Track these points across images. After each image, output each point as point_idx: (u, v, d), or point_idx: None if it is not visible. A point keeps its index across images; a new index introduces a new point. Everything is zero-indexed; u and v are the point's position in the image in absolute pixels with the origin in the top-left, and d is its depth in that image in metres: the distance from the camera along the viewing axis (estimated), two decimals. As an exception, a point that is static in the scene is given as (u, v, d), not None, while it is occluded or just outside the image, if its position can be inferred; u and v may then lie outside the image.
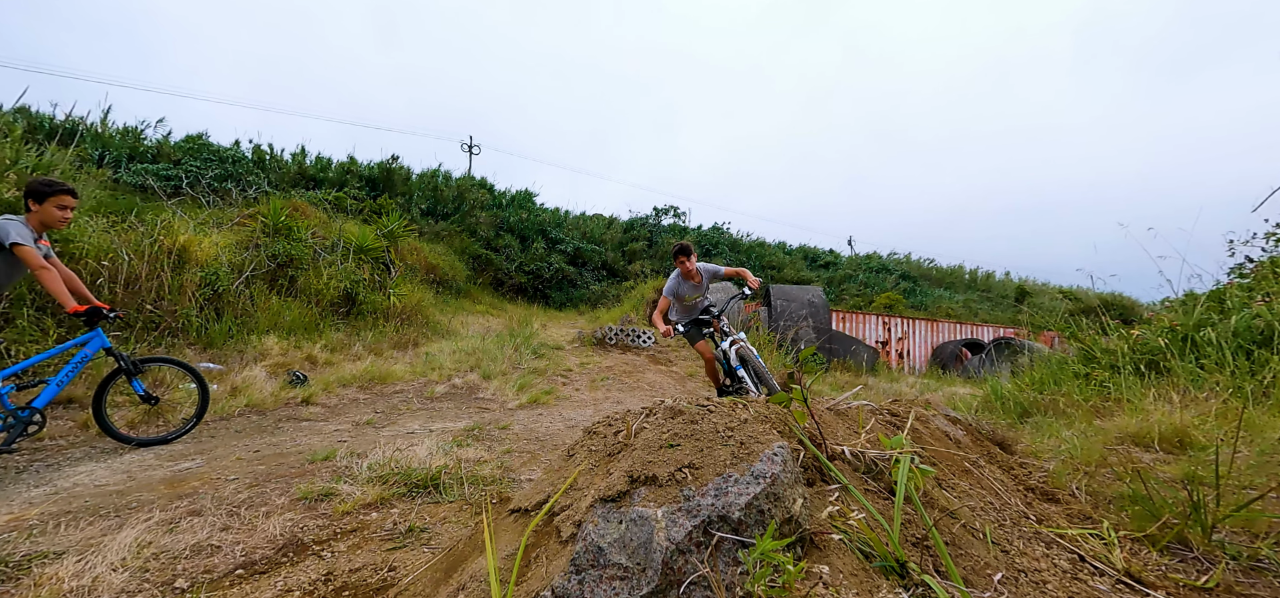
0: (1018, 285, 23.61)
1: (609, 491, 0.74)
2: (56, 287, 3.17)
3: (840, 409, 1.34)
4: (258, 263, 7.17)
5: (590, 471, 0.85)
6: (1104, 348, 3.80)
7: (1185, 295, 4.13)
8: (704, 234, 20.88)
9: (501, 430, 3.85)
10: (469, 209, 16.88)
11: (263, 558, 1.94)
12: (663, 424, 0.83)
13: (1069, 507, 1.65)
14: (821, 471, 0.90)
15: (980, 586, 0.92)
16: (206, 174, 12.06)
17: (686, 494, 0.69)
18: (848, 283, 20.87)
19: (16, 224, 3.15)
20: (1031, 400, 3.50)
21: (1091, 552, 1.34)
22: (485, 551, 0.86)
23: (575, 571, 0.69)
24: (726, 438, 0.76)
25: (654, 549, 0.65)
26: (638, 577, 0.66)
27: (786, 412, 0.97)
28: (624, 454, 0.82)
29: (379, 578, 1.71)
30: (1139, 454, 2.17)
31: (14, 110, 10.99)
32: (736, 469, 0.71)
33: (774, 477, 0.69)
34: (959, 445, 1.93)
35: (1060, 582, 1.15)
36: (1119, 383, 3.22)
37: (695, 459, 0.73)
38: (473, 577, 0.80)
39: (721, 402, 0.91)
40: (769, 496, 0.68)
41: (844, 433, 1.18)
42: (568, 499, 0.82)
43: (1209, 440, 2.17)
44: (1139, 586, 1.20)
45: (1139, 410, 2.64)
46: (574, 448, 0.96)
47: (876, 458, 1.09)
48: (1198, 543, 1.36)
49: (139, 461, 3.27)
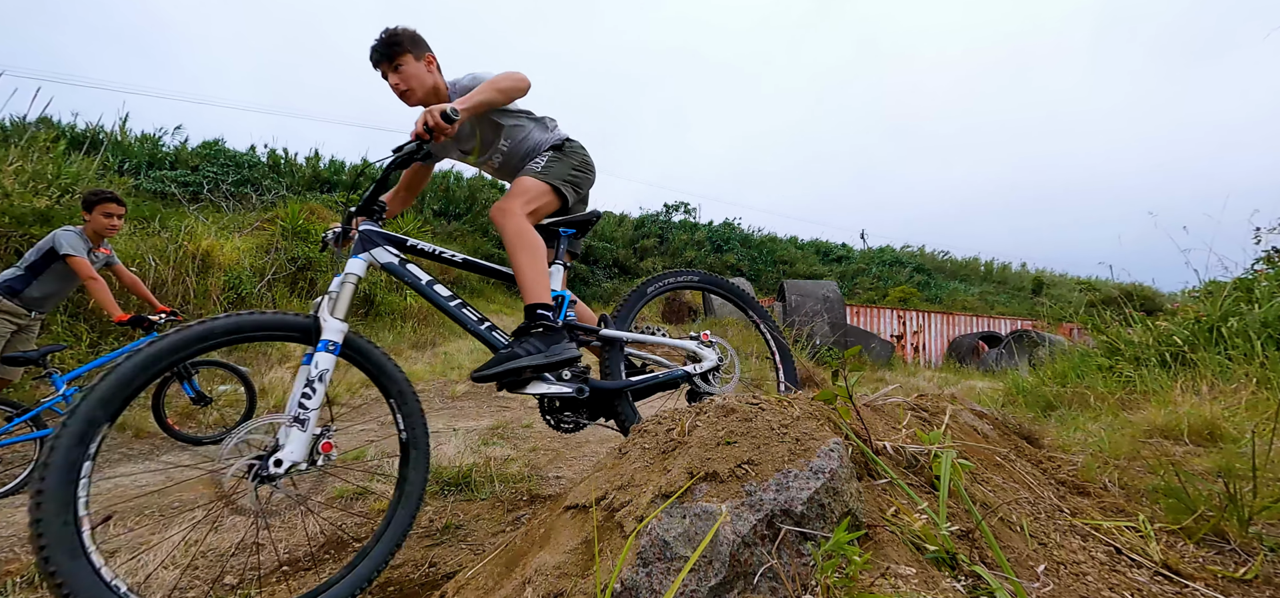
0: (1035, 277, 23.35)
1: (670, 487, 0.78)
2: (104, 297, 3.28)
3: (876, 406, 1.36)
4: (278, 266, 7.29)
5: (645, 468, 0.89)
6: (1128, 340, 3.77)
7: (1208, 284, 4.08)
8: (715, 230, 20.86)
9: (525, 429, 3.90)
10: (481, 209, 17.00)
11: (306, 556, 2.00)
12: (716, 422, 0.87)
13: (1102, 500, 1.66)
14: (868, 465, 0.93)
15: (1025, 577, 0.95)
16: (225, 179, 12.26)
17: (748, 489, 0.72)
18: (861, 277, 20.76)
19: (71, 235, 3.27)
20: (1055, 394, 3.48)
21: (1128, 545, 1.35)
22: (548, 546, 0.90)
23: (642, 564, 0.72)
24: (782, 435, 0.79)
25: (720, 542, 0.68)
26: (705, 569, 0.69)
27: (832, 408, 1.00)
28: (679, 452, 0.86)
29: (421, 574, 1.77)
30: (1169, 447, 2.17)
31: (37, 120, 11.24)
32: (795, 465, 0.74)
33: (833, 472, 0.72)
34: (987, 439, 1.95)
35: (1099, 574, 1.17)
36: (1144, 375, 3.20)
37: (753, 455, 0.76)
38: (537, 571, 0.83)
39: (772, 399, 0.94)
40: (829, 490, 0.71)
41: (882, 428, 1.20)
42: (626, 496, 0.85)
43: (1239, 433, 2.16)
44: (1177, 577, 1.21)
45: (1166, 403, 2.63)
46: (625, 446, 0.99)
47: (916, 452, 1.11)
48: (1234, 535, 1.37)
49: (175, 462, 3.36)
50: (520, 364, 1.71)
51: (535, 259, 1.87)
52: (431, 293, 1.79)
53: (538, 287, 1.84)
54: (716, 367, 2.16)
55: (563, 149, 2.17)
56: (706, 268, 17.72)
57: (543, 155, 2.12)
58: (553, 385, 1.77)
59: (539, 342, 1.77)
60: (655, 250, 18.53)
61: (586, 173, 2.21)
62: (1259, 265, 4.02)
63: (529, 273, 1.85)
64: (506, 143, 2.17)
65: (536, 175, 2.05)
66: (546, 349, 1.75)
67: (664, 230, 19.60)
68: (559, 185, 2.05)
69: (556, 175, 2.07)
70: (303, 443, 1.42)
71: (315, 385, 1.45)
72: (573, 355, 1.79)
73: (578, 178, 2.14)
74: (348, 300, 1.58)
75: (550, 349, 1.76)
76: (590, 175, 2.24)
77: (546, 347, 1.76)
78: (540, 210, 2.01)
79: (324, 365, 1.48)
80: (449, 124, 1.61)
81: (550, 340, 1.78)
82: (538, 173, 2.05)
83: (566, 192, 2.07)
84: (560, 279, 2.04)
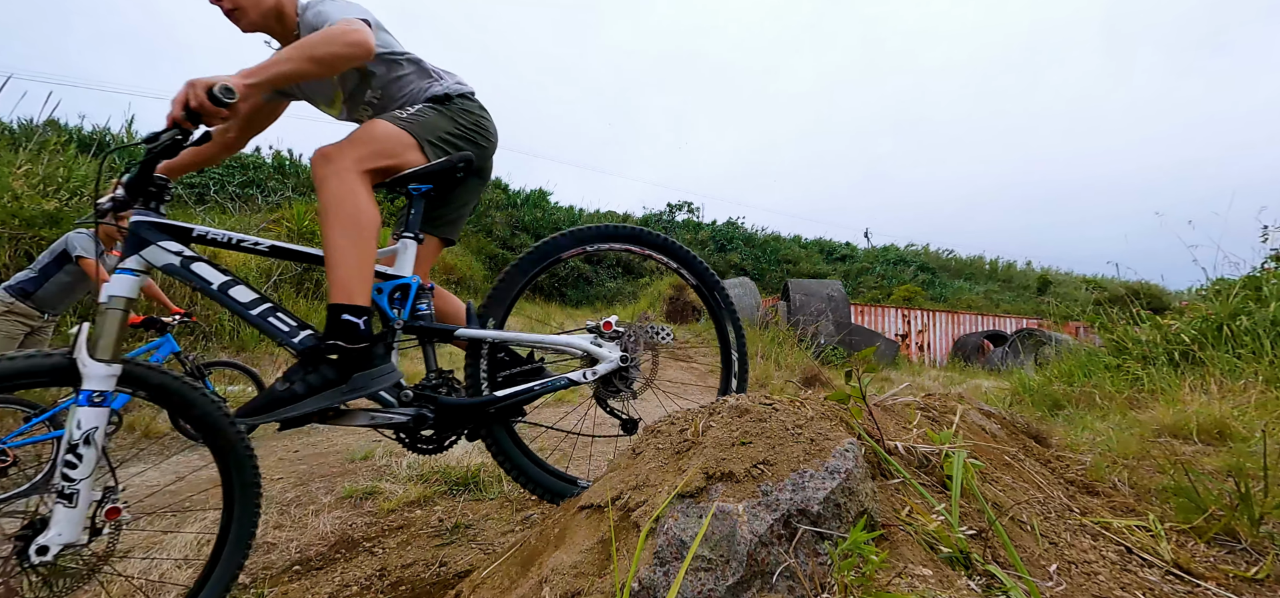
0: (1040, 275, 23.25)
1: (687, 487, 0.78)
2: None
3: (886, 405, 1.37)
4: (284, 267, 7.33)
5: (660, 468, 0.89)
6: (1135, 338, 3.76)
7: (1216, 282, 4.07)
8: (718, 229, 20.86)
9: (532, 429, 3.92)
10: (484, 209, 17.05)
11: (317, 555, 2.02)
12: (730, 422, 0.87)
13: (1111, 499, 1.66)
14: (880, 465, 0.94)
15: (1037, 576, 0.95)
16: (231, 181, 12.33)
17: (764, 489, 0.73)
18: (865, 276, 20.72)
19: (84, 237, 3.30)
20: (1062, 393, 3.48)
21: (1138, 544, 1.36)
22: (564, 546, 0.91)
23: (660, 563, 0.73)
24: (796, 435, 0.80)
25: (737, 542, 0.69)
26: (722, 568, 0.70)
27: (845, 408, 1.01)
28: (694, 452, 0.87)
29: (432, 573, 1.78)
30: (1178, 446, 2.17)
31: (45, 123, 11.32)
32: (810, 465, 0.74)
33: (849, 472, 0.73)
34: (996, 439, 1.95)
35: (1111, 573, 1.17)
36: (1152, 374, 3.19)
37: (768, 455, 0.77)
38: (554, 570, 0.84)
39: (785, 400, 0.95)
40: (845, 490, 0.72)
41: (893, 428, 1.21)
42: (642, 496, 0.86)
43: (1249, 432, 2.16)
44: (1189, 576, 1.21)
45: (1175, 402, 2.62)
46: (639, 446, 1.00)
47: (927, 452, 1.12)
48: (1246, 535, 1.37)
49: (186, 462, 3.39)
50: (291, 414, 1.27)
51: (358, 240, 1.36)
52: (226, 298, 1.37)
53: (350, 281, 1.35)
54: (623, 370, 1.65)
55: (446, 103, 1.64)
56: (710, 267, 17.68)
57: (416, 104, 1.62)
58: (379, 416, 1.41)
59: (332, 369, 1.34)
60: (659, 250, 18.52)
61: (477, 139, 1.67)
62: (1268, 263, 4.00)
63: (343, 258, 1.35)
64: (378, 95, 1.68)
65: (394, 122, 1.51)
66: (340, 382, 1.33)
67: (667, 230, 19.61)
68: (425, 143, 1.54)
69: (426, 129, 1.55)
70: (73, 521, 1.12)
71: (82, 451, 1.12)
72: (377, 387, 1.36)
73: (455, 143, 1.60)
74: (115, 333, 1.20)
75: (351, 382, 1.32)
76: (484, 143, 1.70)
77: (342, 377, 1.33)
78: (387, 170, 1.50)
79: (89, 424, 1.13)
80: (221, 107, 1.20)
81: (351, 366, 1.34)
82: (396, 121, 1.52)
83: (431, 155, 1.55)
84: (411, 258, 1.55)
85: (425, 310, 1.54)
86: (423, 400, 1.47)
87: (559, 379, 1.63)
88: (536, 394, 1.60)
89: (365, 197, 1.41)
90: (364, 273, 1.38)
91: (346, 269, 1.36)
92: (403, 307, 1.49)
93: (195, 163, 1.74)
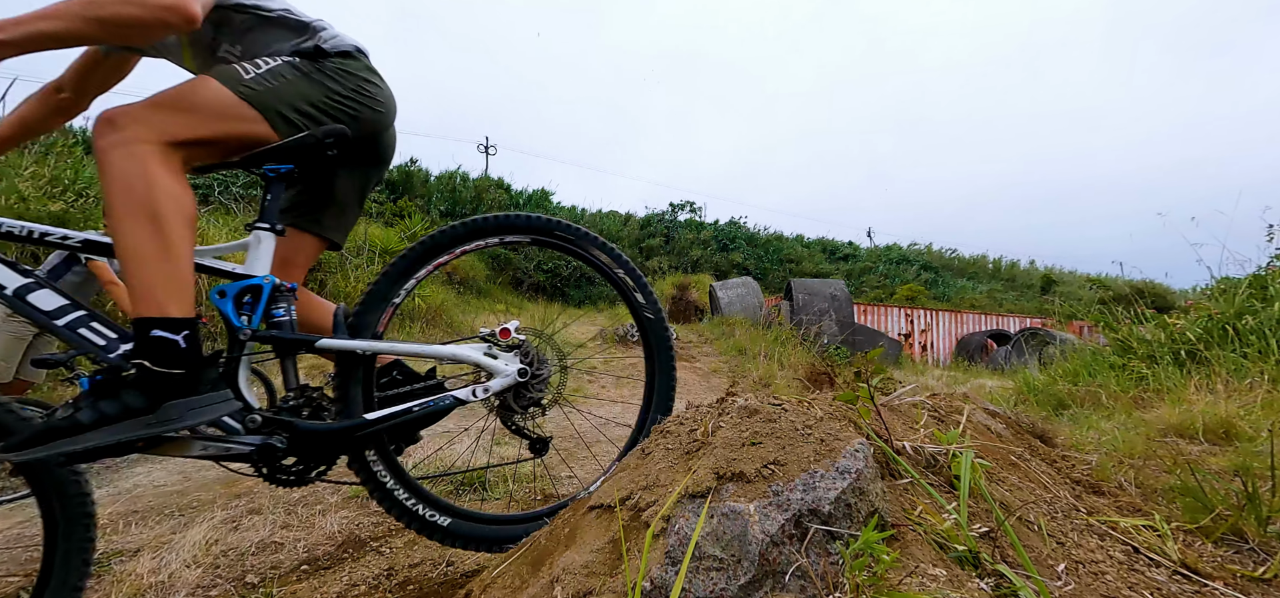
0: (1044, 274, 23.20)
1: (697, 487, 0.79)
2: (125, 301, 3.35)
3: (892, 405, 1.37)
4: (289, 268, 7.36)
5: (670, 468, 0.90)
6: (1140, 338, 3.75)
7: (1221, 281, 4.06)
8: (720, 229, 20.85)
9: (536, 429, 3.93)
10: (486, 209, 17.09)
11: (325, 554, 2.03)
12: (740, 423, 0.88)
13: (1117, 499, 1.66)
14: (888, 465, 0.94)
15: (1045, 576, 0.96)
16: (235, 183, 12.36)
17: (775, 489, 0.73)
18: (868, 275, 20.70)
19: None
20: (1067, 392, 3.48)
21: (1145, 544, 1.36)
22: (574, 545, 0.91)
23: (671, 562, 0.74)
24: (806, 436, 0.81)
25: (749, 542, 0.70)
26: (733, 568, 0.70)
27: (853, 409, 1.01)
28: (704, 452, 0.87)
29: (440, 573, 1.79)
30: (1184, 446, 2.17)
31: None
32: (820, 465, 0.75)
33: (859, 472, 0.73)
34: (1001, 439, 1.95)
35: (1118, 573, 1.18)
36: (1158, 374, 3.19)
37: (779, 456, 0.78)
38: (565, 570, 0.85)
39: (794, 400, 0.96)
40: (855, 490, 0.72)
41: (900, 428, 1.21)
42: (652, 496, 0.87)
43: (1255, 431, 2.16)
44: (1196, 576, 1.21)
45: (1181, 401, 2.62)
46: (648, 446, 1.01)
47: (935, 452, 1.12)
48: (1253, 534, 1.37)
49: (193, 462, 3.41)
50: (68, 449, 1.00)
51: (159, 235, 1.07)
52: (23, 306, 1.13)
53: (156, 288, 1.07)
54: (522, 384, 1.42)
55: (317, 62, 1.31)
56: (712, 267, 17.68)
57: (273, 61, 1.27)
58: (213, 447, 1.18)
59: (137, 395, 1.06)
60: (661, 250, 18.55)
61: (358, 110, 1.35)
62: (1274, 262, 3.99)
63: (139, 259, 1.07)
64: (237, 47, 1.34)
65: (228, 82, 1.18)
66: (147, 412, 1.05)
67: (670, 230, 19.62)
68: (273, 114, 1.22)
69: (278, 96, 1.22)
70: None
71: None
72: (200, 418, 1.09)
73: (322, 114, 1.29)
74: None
75: (161, 413, 1.06)
76: (370, 115, 1.38)
77: (151, 405, 1.05)
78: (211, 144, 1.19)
79: None
80: None
81: (162, 392, 1.06)
82: (233, 81, 1.19)
83: (283, 129, 1.24)
84: (265, 254, 1.28)
85: (282, 317, 1.29)
86: (275, 426, 1.23)
87: (443, 399, 1.37)
88: (415, 416, 1.35)
89: (167, 178, 1.09)
90: (176, 276, 1.09)
91: (148, 273, 1.07)
92: (252, 313, 1.23)
93: (20, 133, 1.43)
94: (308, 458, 1.31)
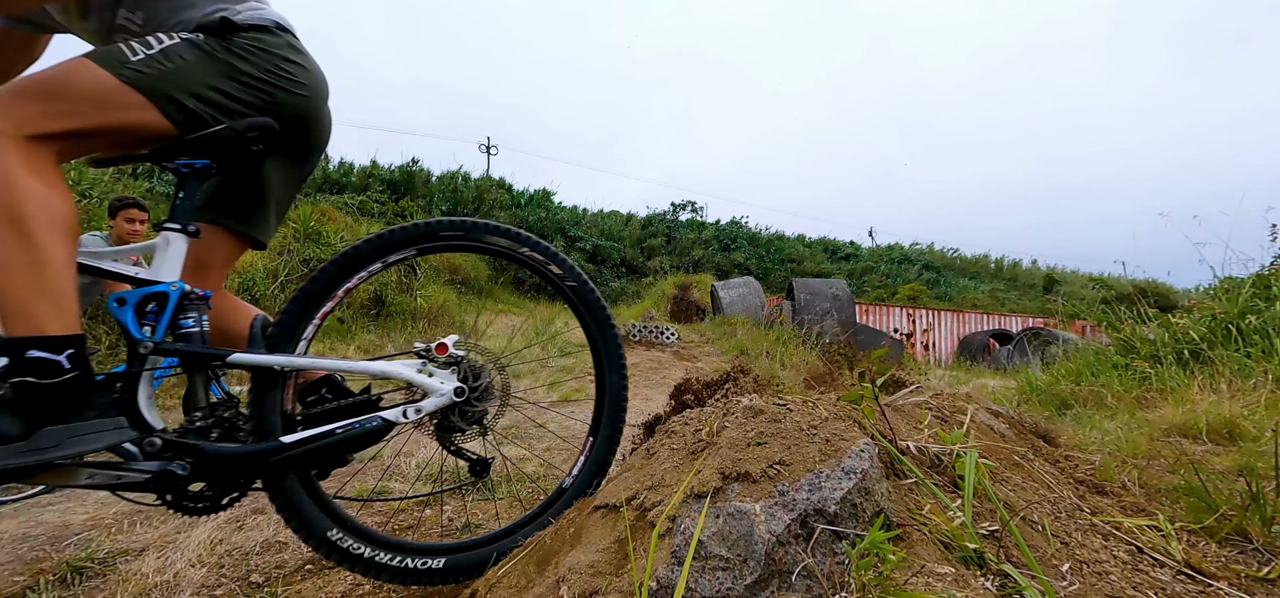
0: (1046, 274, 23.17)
1: (702, 487, 0.79)
2: None
3: (896, 406, 1.38)
4: (291, 268, 7.39)
5: (676, 468, 0.90)
6: (1143, 337, 3.75)
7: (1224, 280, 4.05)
8: (722, 229, 20.86)
9: (538, 428, 3.94)
10: (488, 210, 17.11)
11: (329, 554, 2.04)
12: (745, 423, 0.88)
13: (1121, 499, 1.66)
14: (893, 464, 0.95)
15: (1050, 576, 0.96)
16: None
17: (781, 489, 0.74)
18: (869, 275, 20.70)
19: (95, 241, 3.35)
20: (1069, 392, 3.47)
21: (1149, 544, 1.36)
22: (580, 545, 0.92)
23: (677, 562, 0.74)
24: (811, 436, 0.81)
25: (755, 541, 0.70)
26: (739, 567, 0.71)
27: (857, 409, 1.02)
28: (709, 452, 0.88)
29: (443, 572, 1.80)
30: (1188, 446, 2.16)
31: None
32: (826, 465, 0.75)
33: (865, 472, 0.74)
34: (1004, 439, 1.95)
35: (1122, 573, 1.18)
36: (1161, 374, 3.18)
37: (784, 456, 0.78)
38: (571, 569, 0.85)
39: (798, 400, 0.96)
40: (861, 490, 0.73)
41: (904, 428, 1.22)
42: (657, 496, 0.87)
43: (1259, 431, 2.15)
44: (1200, 576, 1.21)
45: (1184, 401, 2.62)
46: (653, 447, 1.01)
47: (939, 452, 1.13)
48: (1257, 535, 1.37)
49: (196, 462, 3.43)
50: None
51: (25, 243, 0.94)
52: None
53: (29, 303, 0.95)
54: (457, 405, 1.33)
55: (227, 37, 1.14)
56: (714, 267, 17.68)
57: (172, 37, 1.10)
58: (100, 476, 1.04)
59: (10, 420, 0.95)
60: (662, 249, 18.56)
61: (277, 93, 1.20)
62: (1277, 262, 3.98)
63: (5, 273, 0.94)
64: (138, 15, 1.17)
65: (108, 65, 1.04)
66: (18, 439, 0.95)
67: (671, 229, 19.63)
68: (166, 100, 1.08)
69: (173, 80, 1.08)
70: None
71: None
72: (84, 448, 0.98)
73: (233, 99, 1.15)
74: None
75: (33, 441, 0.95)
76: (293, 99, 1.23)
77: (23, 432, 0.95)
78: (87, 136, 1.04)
79: None
80: None
81: (39, 417, 0.96)
82: (116, 63, 1.04)
83: (175, 116, 1.09)
84: (175, 258, 1.16)
85: (191, 328, 1.16)
86: (178, 451, 1.10)
87: (370, 420, 1.25)
88: (338, 439, 1.22)
89: (29, 178, 0.95)
90: (54, 289, 0.96)
91: (17, 288, 0.94)
92: (156, 323, 1.10)
93: None
94: (217, 484, 1.18)
